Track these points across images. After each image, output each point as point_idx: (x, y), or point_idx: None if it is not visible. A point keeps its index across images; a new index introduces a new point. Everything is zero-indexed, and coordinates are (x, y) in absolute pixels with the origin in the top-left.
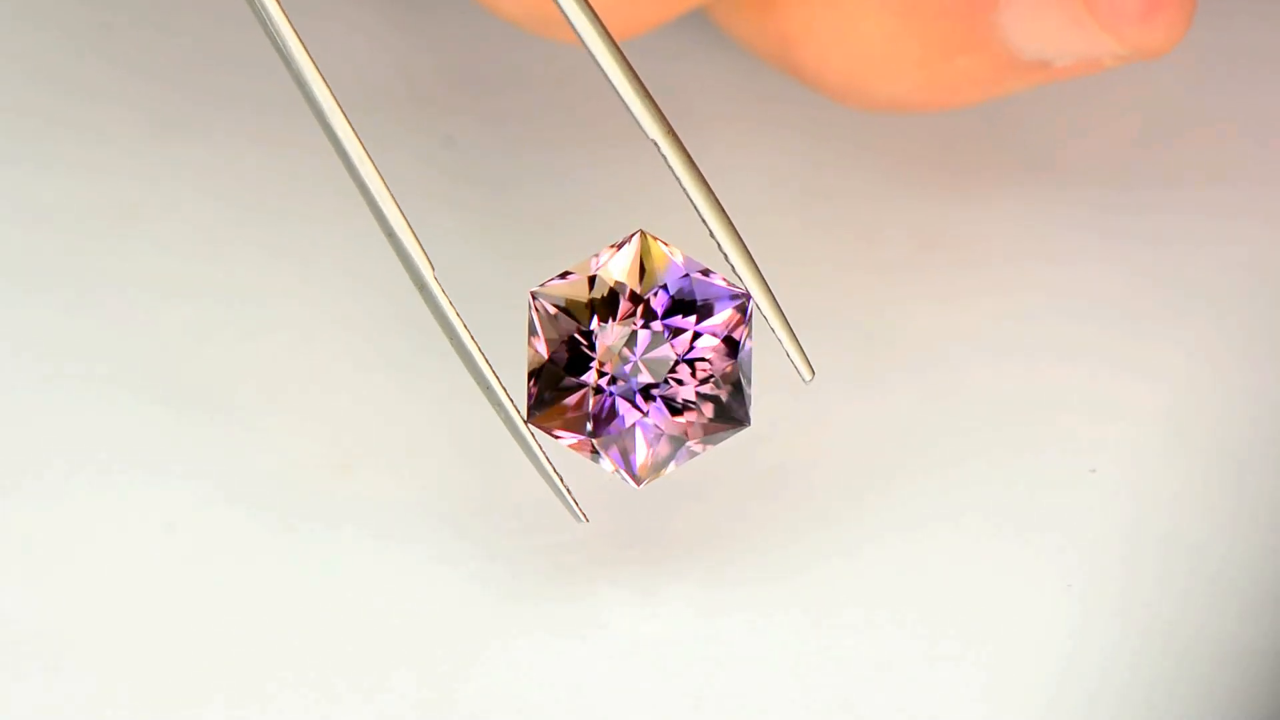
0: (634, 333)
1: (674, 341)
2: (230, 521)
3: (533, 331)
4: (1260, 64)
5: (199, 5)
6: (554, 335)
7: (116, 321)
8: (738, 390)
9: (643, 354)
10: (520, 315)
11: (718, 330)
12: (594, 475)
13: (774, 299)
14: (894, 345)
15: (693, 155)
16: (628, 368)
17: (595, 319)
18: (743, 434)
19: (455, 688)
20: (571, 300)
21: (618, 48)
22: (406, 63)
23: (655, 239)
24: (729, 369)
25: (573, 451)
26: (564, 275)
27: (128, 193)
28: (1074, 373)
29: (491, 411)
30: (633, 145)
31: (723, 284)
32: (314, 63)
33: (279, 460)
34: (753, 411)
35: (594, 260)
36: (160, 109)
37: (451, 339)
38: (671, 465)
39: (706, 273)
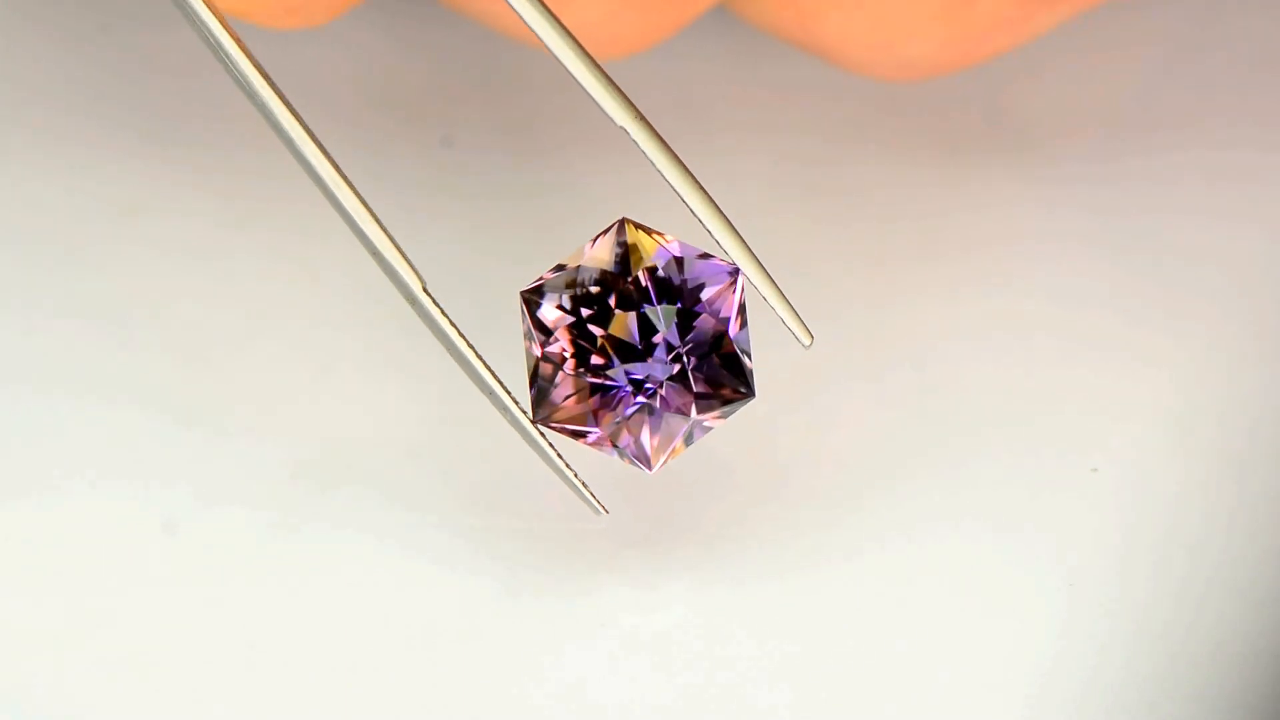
0: (628, 318)
1: (668, 324)
2: (230, 522)
3: (527, 330)
4: (1262, 61)
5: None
6: (547, 331)
7: (115, 323)
8: (739, 364)
9: (639, 339)
10: (519, 311)
11: (712, 307)
12: (598, 473)
13: (764, 269)
14: (895, 343)
15: (692, 155)
16: (625, 354)
17: (587, 310)
18: (742, 431)
19: (456, 688)
20: (562, 295)
21: (575, 40)
22: (403, 65)
23: (638, 225)
24: (727, 344)
25: (581, 445)
26: (552, 271)
27: (127, 193)
28: (1075, 371)
29: (494, 411)
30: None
31: (712, 262)
32: (277, 92)
33: (279, 461)
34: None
35: (579, 252)
36: (159, 112)
37: (449, 349)
38: (682, 446)
39: (694, 253)
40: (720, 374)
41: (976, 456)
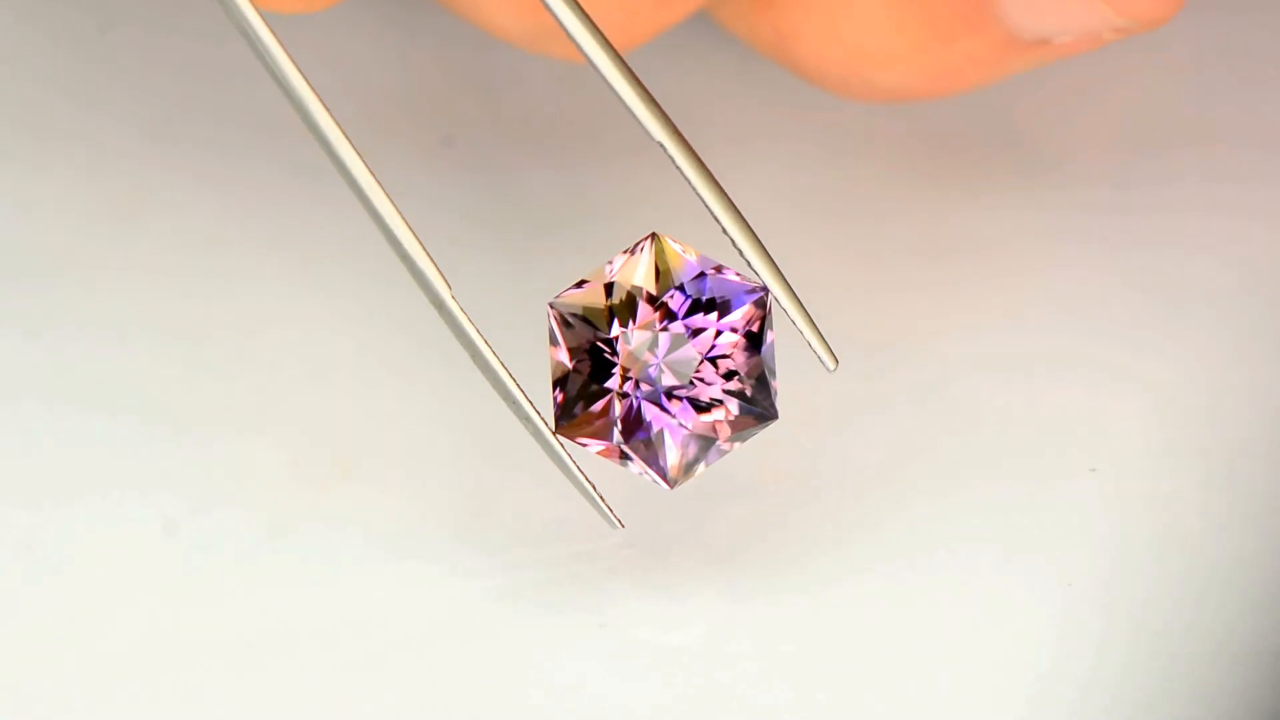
0: (655, 335)
1: (695, 341)
2: (230, 524)
3: (553, 341)
4: (1259, 67)
5: (199, 5)
6: (575, 344)
7: (115, 322)
8: (763, 385)
9: (665, 356)
10: (531, 320)
11: (738, 326)
12: (597, 477)
13: (792, 291)
14: (896, 350)
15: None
16: (651, 370)
17: (615, 324)
18: (753, 447)
19: (457, 690)
20: (590, 307)
21: (618, 55)
22: (408, 66)
23: (669, 240)
24: (753, 364)
25: (601, 458)
26: (581, 283)
27: (128, 193)
28: (1074, 373)
29: (496, 413)
30: (642, 148)
31: (740, 280)
32: (316, 94)
33: (279, 462)
34: (779, 405)
35: (610, 265)
36: (160, 112)
37: (474, 357)
38: (702, 465)
39: (722, 270)
40: (747, 396)
41: (976, 458)
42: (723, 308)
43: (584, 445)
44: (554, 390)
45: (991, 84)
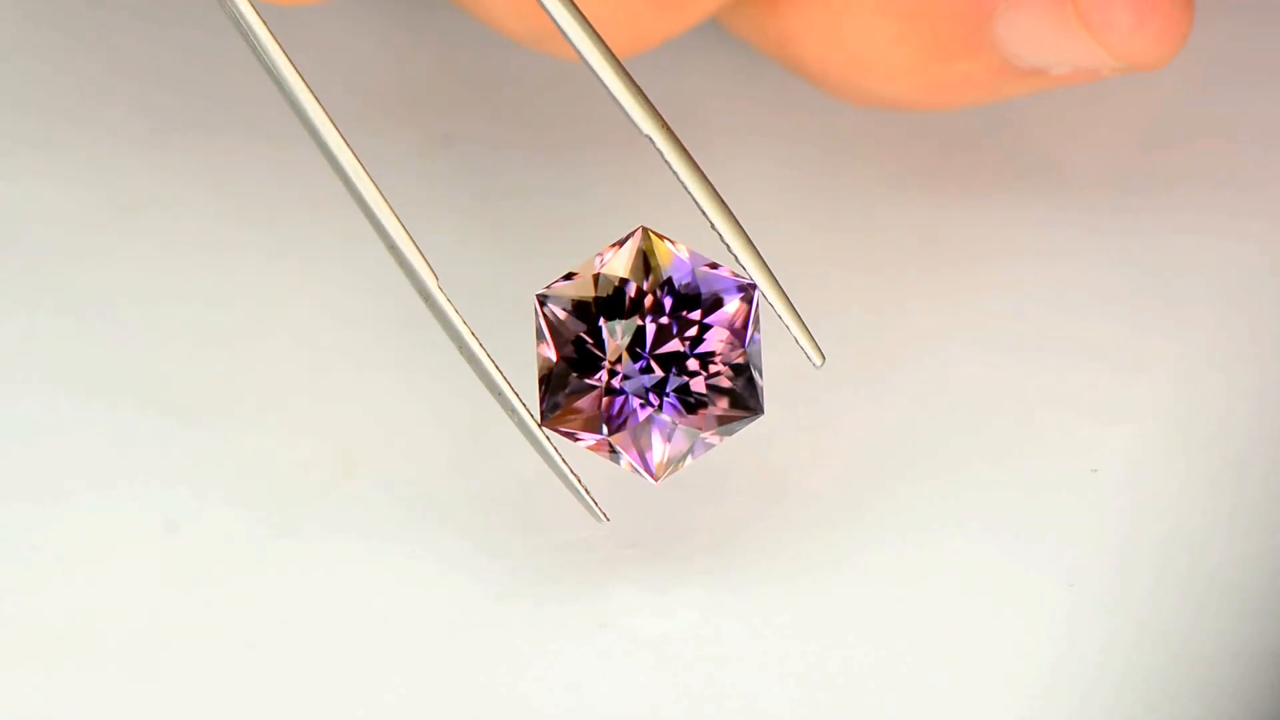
0: (642, 329)
1: (683, 335)
2: (231, 522)
3: (541, 335)
4: (1261, 68)
5: (200, 4)
6: (562, 337)
7: (116, 322)
8: (749, 380)
9: (652, 350)
10: (525, 314)
11: (726, 321)
12: (598, 475)
13: (779, 287)
14: (895, 346)
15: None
16: (638, 364)
17: (603, 318)
18: (745, 435)
19: (456, 688)
20: (578, 301)
21: (609, 49)
22: (407, 63)
23: (657, 234)
24: (739, 359)
25: (589, 452)
26: (568, 276)
27: (128, 193)
28: (1074, 373)
29: (496, 412)
30: (634, 143)
31: (728, 275)
32: (305, 83)
33: (280, 460)
34: (765, 401)
35: (598, 259)
36: (160, 108)
37: (460, 348)
38: (688, 459)
39: (711, 265)
40: (733, 391)
41: (976, 458)
42: (710, 302)
43: (571, 439)
44: (540, 383)
45: (988, 104)
